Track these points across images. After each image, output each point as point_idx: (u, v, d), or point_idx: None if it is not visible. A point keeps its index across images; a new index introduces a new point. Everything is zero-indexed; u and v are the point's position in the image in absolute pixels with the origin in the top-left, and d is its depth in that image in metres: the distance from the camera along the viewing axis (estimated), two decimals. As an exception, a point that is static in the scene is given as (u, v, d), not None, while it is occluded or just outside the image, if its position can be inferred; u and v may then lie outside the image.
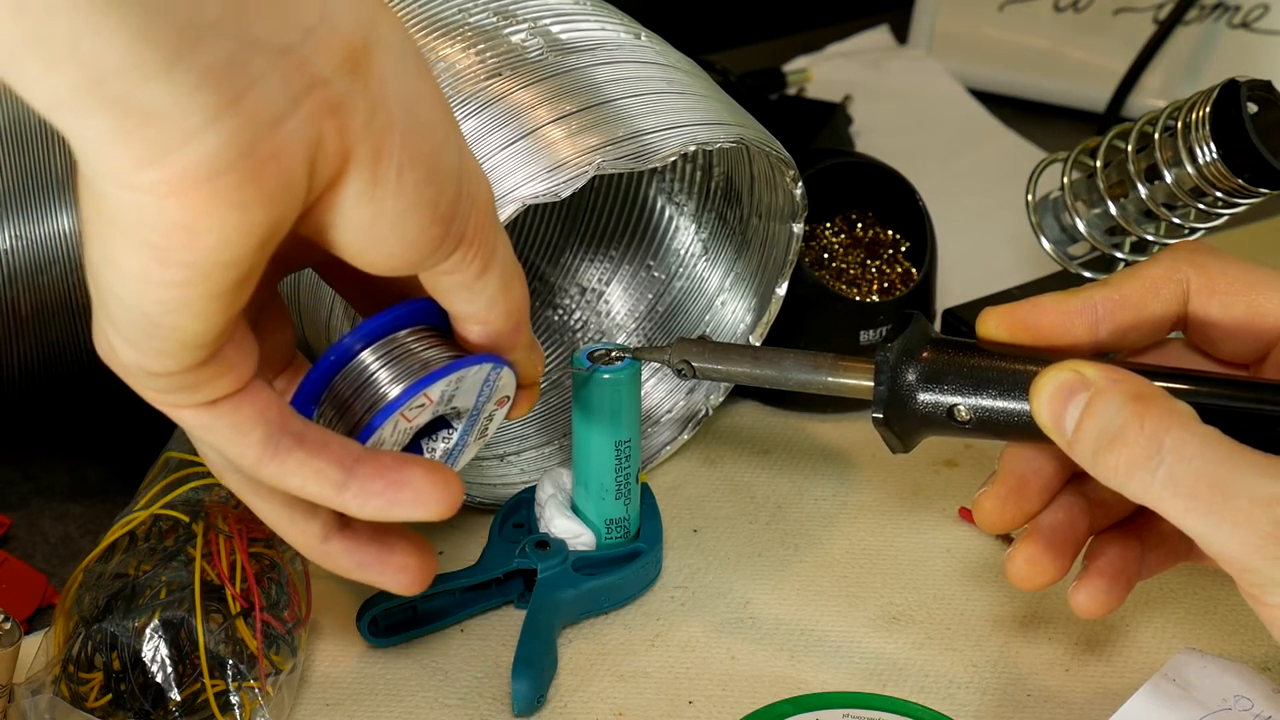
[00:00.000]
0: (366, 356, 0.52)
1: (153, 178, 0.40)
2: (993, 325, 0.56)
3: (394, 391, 0.52)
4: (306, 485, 0.49)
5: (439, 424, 0.55)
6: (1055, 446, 0.53)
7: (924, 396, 0.55)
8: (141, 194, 0.41)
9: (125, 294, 0.43)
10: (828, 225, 0.84)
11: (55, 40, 0.38)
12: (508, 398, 0.56)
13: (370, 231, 0.46)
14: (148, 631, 0.61)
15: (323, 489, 0.49)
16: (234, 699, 0.61)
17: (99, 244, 0.42)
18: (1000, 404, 0.55)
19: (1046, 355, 0.55)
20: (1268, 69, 0.90)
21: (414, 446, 0.55)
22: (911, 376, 0.56)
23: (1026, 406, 0.53)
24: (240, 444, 0.48)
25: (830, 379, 0.58)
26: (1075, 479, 0.58)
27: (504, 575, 0.70)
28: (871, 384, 0.57)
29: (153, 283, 0.42)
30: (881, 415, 0.56)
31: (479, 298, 0.51)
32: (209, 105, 0.40)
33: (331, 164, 0.44)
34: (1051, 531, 0.57)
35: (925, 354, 0.56)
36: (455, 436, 0.55)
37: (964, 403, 0.55)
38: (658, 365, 0.79)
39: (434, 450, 0.55)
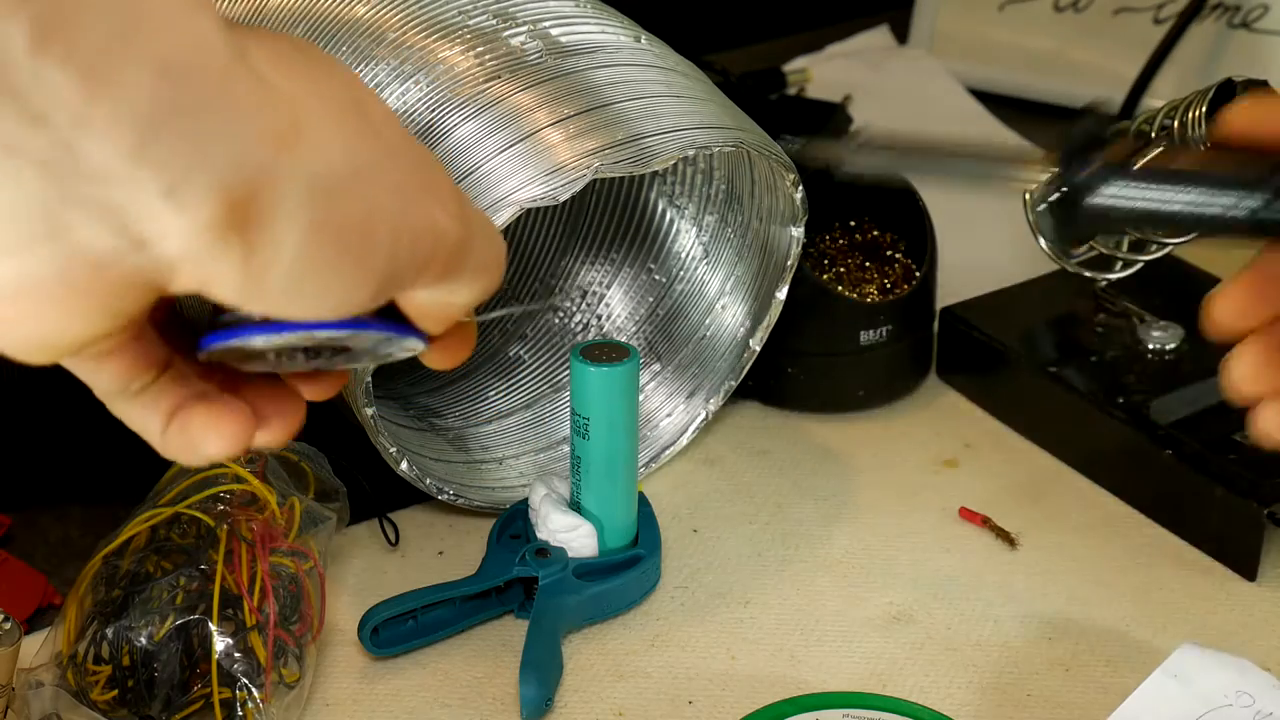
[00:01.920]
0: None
1: None
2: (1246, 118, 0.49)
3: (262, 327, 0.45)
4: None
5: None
6: None
7: (1106, 191, 0.50)
8: None
9: None
10: (828, 226, 0.84)
11: None
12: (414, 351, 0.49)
13: (260, 297, 0.40)
14: (160, 633, 0.61)
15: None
16: (239, 709, 0.61)
17: None
18: (1185, 199, 0.49)
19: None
20: (1268, 69, 0.90)
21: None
22: (1091, 170, 0.51)
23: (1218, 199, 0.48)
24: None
25: (1007, 174, 0.54)
26: None
27: (504, 584, 0.70)
28: (1045, 176, 0.52)
29: None
30: (1053, 204, 0.52)
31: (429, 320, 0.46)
32: (23, 233, 0.36)
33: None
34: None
35: (1109, 148, 0.51)
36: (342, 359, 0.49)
37: (1146, 197, 0.49)
38: (657, 368, 0.79)
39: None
